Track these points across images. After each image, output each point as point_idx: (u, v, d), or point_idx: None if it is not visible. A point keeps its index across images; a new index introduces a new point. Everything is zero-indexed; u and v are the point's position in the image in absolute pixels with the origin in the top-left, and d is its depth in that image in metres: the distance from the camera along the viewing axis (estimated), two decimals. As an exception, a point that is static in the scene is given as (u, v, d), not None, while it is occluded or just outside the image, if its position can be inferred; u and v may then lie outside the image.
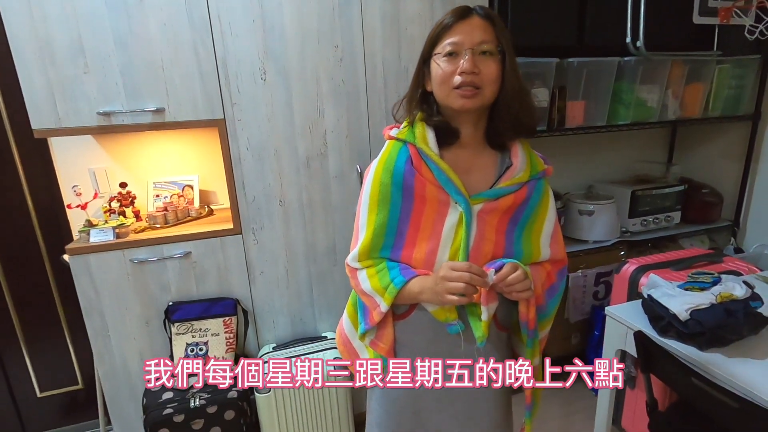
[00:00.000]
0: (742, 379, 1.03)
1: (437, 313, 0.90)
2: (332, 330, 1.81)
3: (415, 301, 0.90)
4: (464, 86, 0.82)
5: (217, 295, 1.63)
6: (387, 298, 0.87)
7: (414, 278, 0.86)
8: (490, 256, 0.88)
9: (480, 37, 0.82)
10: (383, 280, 0.88)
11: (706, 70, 2.01)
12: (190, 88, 1.45)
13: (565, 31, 1.82)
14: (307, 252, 1.70)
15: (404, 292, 0.87)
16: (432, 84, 0.88)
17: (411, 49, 1.62)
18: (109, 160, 1.76)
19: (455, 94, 0.84)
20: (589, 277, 2.05)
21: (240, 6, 1.44)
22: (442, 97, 0.86)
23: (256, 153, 1.56)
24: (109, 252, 1.49)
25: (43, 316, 1.85)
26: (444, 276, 0.80)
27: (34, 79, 1.33)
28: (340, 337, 1.08)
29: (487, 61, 0.83)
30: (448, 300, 0.80)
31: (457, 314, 0.88)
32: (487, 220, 0.87)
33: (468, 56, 0.81)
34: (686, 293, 1.21)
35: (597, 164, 2.39)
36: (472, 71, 0.81)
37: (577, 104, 1.88)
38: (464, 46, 0.82)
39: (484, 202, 0.87)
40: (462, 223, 0.86)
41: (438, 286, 0.81)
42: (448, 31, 0.84)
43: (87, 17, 1.33)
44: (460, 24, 0.83)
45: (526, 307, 0.87)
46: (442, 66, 0.84)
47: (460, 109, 0.85)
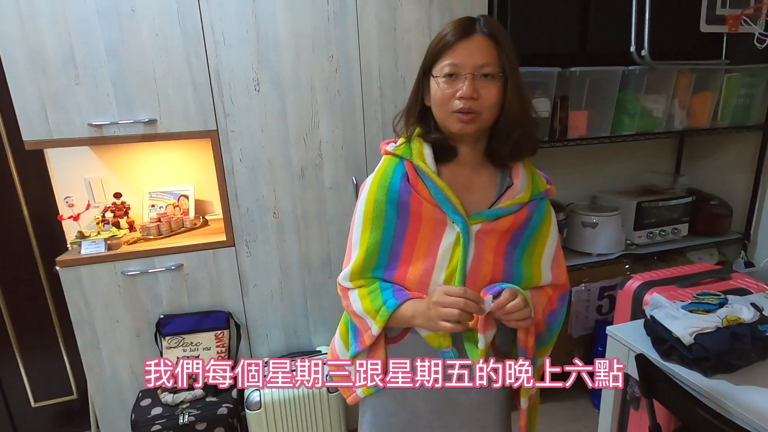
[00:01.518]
0: (751, 408, 0.97)
1: (430, 338, 0.86)
2: (327, 344, 1.77)
3: (407, 326, 0.87)
4: (463, 111, 0.79)
5: (209, 308, 1.60)
6: (379, 321, 0.84)
7: (407, 301, 0.83)
8: (489, 278, 0.84)
9: (482, 60, 0.78)
10: (375, 302, 0.85)
11: (715, 79, 1.96)
12: (182, 99, 1.43)
13: (567, 38, 1.78)
14: (302, 264, 1.67)
15: (397, 315, 0.83)
16: (431, 102, 0.85)
17: (408, 58, 1.59)
18: (105, 170, 1.75)
19: (454, 118, 0.80)
20: (592, 291, 1.99)
21: (233, 16, 1.42)
22: (440, 118, 0.83)
23: (249, 164, 1.54)
24: (100, 264, 1.47)
25: (38, 326, 1.84)
26: (437, 301, 0.76)
27: (26, 90, 1.32)
28: (332, 357, 1.05)
29: (488, 86, 0.79)
30: (441, 327, 0.76)
31: (451, 340, 0.85)
32: (485, 241, 0.83)
33: (468, 81, 0.77)
34: (690, 315, 1.16)
35: (601, 175, 2.33)
36: (471, 97, 0.77)
37: (579, 114, 1.83)
38: (465, 69, 0.78)
39: (483, 222, 0.83)
40: (459, 243, 0.82)
41: (431, 311, 0.77)
42: (449, 50, 0.79)
43: (78, 27, 1.32)
44: (462, 43, 0.78)
45: (525, 334, 0.84)
46: (441, 87, 0.80)
47: (458, 133, 0.82)
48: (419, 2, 1.56)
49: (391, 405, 0.93)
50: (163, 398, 1.49)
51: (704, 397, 1.03)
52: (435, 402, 0.91)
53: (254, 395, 1.51)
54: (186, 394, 1.50)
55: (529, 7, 1.68)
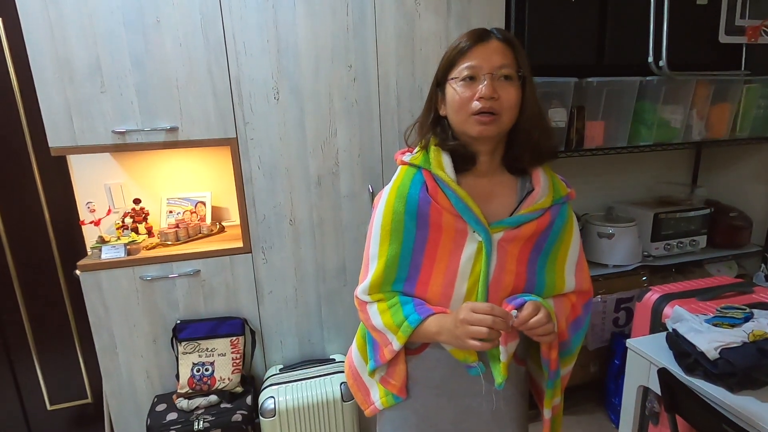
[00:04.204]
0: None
1: (456, 352, 0.85)
2: (341, 352, 1.77)
3: (431, 341, 0.85)
4: (483, 112, 0.78)
5: (225, 314, 1.61)
6: (401, 336, 0.82)
7: (431, 317, 0.81)
8: (511, 288, 0.83)
9: (500, 61, 0.78)
10: (396, 317, 0.83)
11: (734, 90, 1.94)
12: (203, 107, 1.46)
13: (584, 49, 1.78)
14: (317, 272, 1.67)
15: (420, 331, 0.81)
16: (447, 109, 0.84)
17: (425, 68, 1.60)
18: (124, 176, 1.78)
19: (473, 121, 0.79)
20: (608, 303, 1.96)
21: (255, 26, 1.44)
22: (458, 123, 0.82)
23: (267, 172, 1.56)
24: (119, 269, 1.49)
25: (55, 330, 1.87)
26: (464, 319, 0.74)
27: (53, 98, 1.35)
28: (350, 369, 1.03)
29: (507, 87, 0.79)
30: (470, 345, 0.73)
31: (477, 356, 0.84)
32: (508, 249, 0.82)
33: (487, 81, 0.77)
34: (714, 329, 1.13)
35: (617, 185, 2.31)
36: (491, 96, 0.77)
37: (596, 124, 1.82)
38: (483, 70, 0.78)
39: (505, 230, 0.81)
40: (481, 253, 0.81)
41: (458, 329, 0.75)
42: (466, 55, 0.79)
43: (105, 37, 1.35)
44: (479, 47, 0.79)
45: (549, 346, 0.82)
46: (459, 91, 0.80)
47: (477, 136, 0.81)
48: (437, 13, 1.57)
49: (411, 417, 0.92)
50: (179, 404, 1.50)
51: (729, 413, 1.00)
52: (456, 413, 0.90)
53: (268, 402, 1.51)
54: (201, 400, 1.50)
55: (547, 19, 1.69)
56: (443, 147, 0.85)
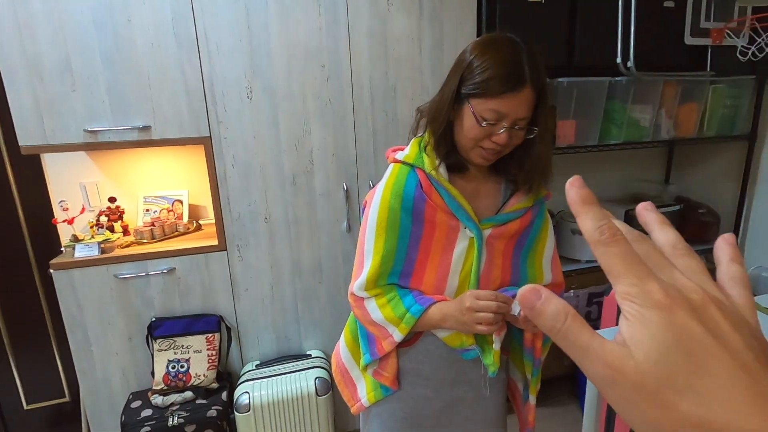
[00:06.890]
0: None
1: (450, 339, 0.89)
2: (317, 348, 1.79)
3: (434, 329, 0.89)
4: (491, 150, 0.83)
5: (200, 312, 1.62)
6: (403, 327, 0.86)
7: (433, 305, 0.85)
8: (499, 282, 0.89)
9: (524, 114, 0.80)
10: (397, 310, 0.86)
11: (700, 90, 1.99)
12: (176, 106, 1.47)
13: (554, 50, 1.82)
14: (293, 269, 1.69)
15: (423, 320, 0.85)
16: (457, 125, 0.85)
17: (398, 68, 1.63)
18: (100, 174, 1.78)
19: (479, 152, 0.84)
20: (581, 298, 2.01)
21: (227, 25, 1.45)
22: (464, 146, 0.85)
23: (241, 170, 1.57)
24: (93, 267, 1.49)
25: (31, 329, 1.86)
26: (470, 306, 0.79)
27: (22, 97, 1.35)
28: (337, 366, 1.06)
29: (519, 133, 0.83)
30: (478, 330, 0.80)
31: (474, 339, 0.89)
32: (495, 245, 0.88)
33: (505, 131, 0.80)
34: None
35: (591, 183, 2.31)
36: (505, 144, 0.81)
37: (567, 123, 1.87)
38: (507, 120, 0.79)
39: (493, 227, 0.88)
40: (473, 248, 0.87)
41: (465, 316, 0.80)
42: (496, 98, 0.78)
43: (75, 36, 1.35)
44: (510, 96, 0.78)
45: (533, 336, 0.89)
46: (476, 126, 0.81)
47: (477, 164, 0.87)
48: (409, 14, 1.60)
49: (398, 410, 0.96)
50: (153, 400, 1.51)
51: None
52: (444, 400, 0.94)
53: (243, 397, 1.53)
54: (176, 396, 1.51)
55: (517, 21, 1.72)
56: (438, 153, 0.87)
